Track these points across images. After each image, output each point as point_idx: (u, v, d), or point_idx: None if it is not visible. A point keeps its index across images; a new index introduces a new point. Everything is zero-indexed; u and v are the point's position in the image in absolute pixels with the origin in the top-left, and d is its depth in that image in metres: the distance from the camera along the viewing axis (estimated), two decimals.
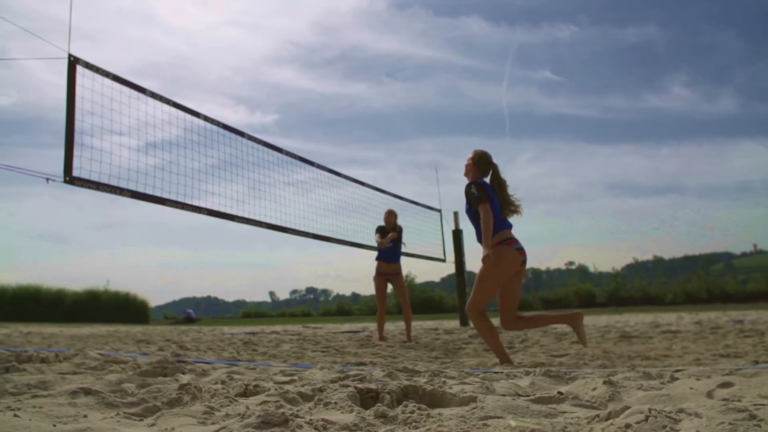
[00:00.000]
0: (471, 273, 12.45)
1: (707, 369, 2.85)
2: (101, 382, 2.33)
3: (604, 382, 2.13)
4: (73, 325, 20.92)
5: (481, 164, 4.22)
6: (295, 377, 2.76)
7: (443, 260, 11.82)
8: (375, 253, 7.38)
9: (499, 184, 4.20)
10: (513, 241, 4.01)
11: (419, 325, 14.31)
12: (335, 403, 1.68)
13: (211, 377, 2.70)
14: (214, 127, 6.15)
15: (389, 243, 6.88)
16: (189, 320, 30.80)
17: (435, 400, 1.87)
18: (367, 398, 1.83)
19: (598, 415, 1.54)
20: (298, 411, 1.61)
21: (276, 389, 2.03)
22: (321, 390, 1.97)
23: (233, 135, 6.35)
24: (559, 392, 1.96)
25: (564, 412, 1.70)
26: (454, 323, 14.85)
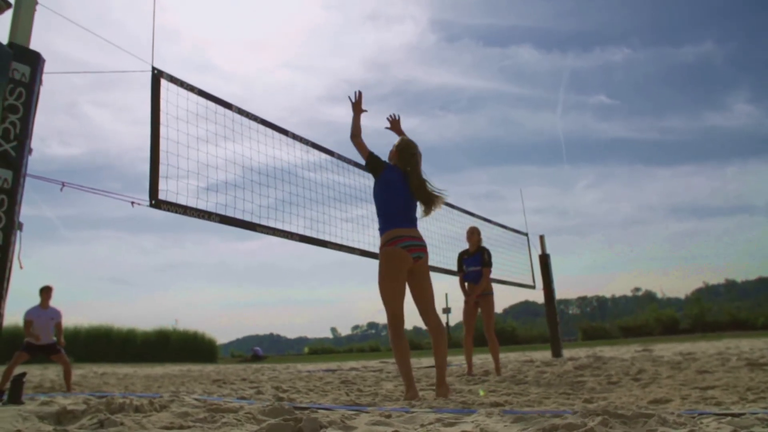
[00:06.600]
0: (559, 300, 11.48)
1: None
2: None
3: None
4: (145, 365, 20.95)
5: (403, 153, 4.10)
6: (465, 428, 2.09)
7: (533, 287, 10.90)
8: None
9: (417, 174, 4.01)
10: (400, 240, 3.82)
11: (503, 356, 13.35)
12: None
13: (360, 431, 2.05)
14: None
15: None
16: (257, 358, 30.54)
17: None
18: None
19: None
20: None
21: None
22: None
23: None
24: None
25: None
26: (541, 354, 13.81)
